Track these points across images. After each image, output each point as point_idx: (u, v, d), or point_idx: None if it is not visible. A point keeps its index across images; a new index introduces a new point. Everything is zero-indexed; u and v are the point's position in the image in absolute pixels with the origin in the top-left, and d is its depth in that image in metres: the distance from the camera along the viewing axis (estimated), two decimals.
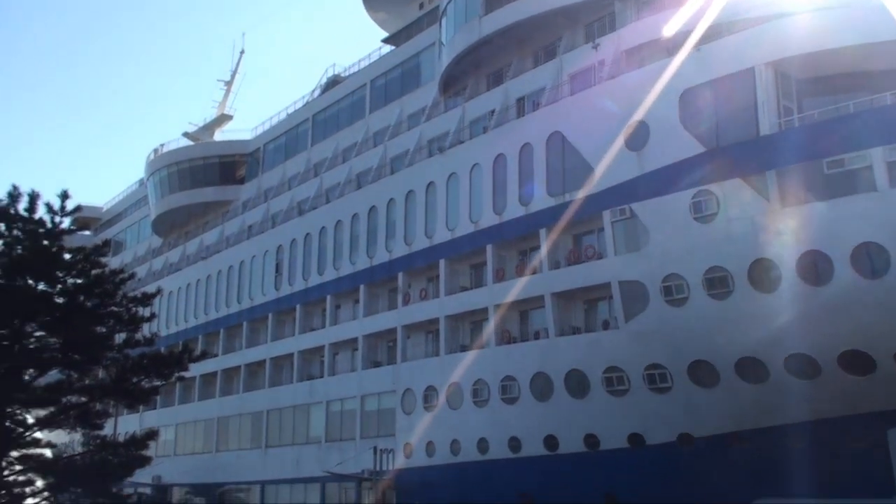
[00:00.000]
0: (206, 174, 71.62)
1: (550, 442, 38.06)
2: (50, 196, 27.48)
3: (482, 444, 40.85)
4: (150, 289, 31.18)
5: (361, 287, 51.14)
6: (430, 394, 44.34)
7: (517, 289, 41.03)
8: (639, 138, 35.75)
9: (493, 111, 45.77)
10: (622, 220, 36.24)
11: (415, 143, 50.49)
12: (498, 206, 42.56)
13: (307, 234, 56.67)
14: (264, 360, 58.90)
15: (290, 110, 67.05)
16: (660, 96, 34.90)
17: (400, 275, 48.32)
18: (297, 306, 56.56)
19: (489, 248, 42.75)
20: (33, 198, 27.20)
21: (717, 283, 32.22)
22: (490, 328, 42.16)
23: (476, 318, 44.17)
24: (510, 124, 43.41)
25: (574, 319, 39.65)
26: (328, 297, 54.05)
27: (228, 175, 71.28)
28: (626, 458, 35.29)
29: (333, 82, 63.42)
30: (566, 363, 37.72)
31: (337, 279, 53.45)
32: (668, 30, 35.79)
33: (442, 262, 45.38)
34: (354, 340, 51.20)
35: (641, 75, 36.19)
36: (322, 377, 53.66)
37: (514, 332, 42.00)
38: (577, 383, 37.23)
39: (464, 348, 44.12)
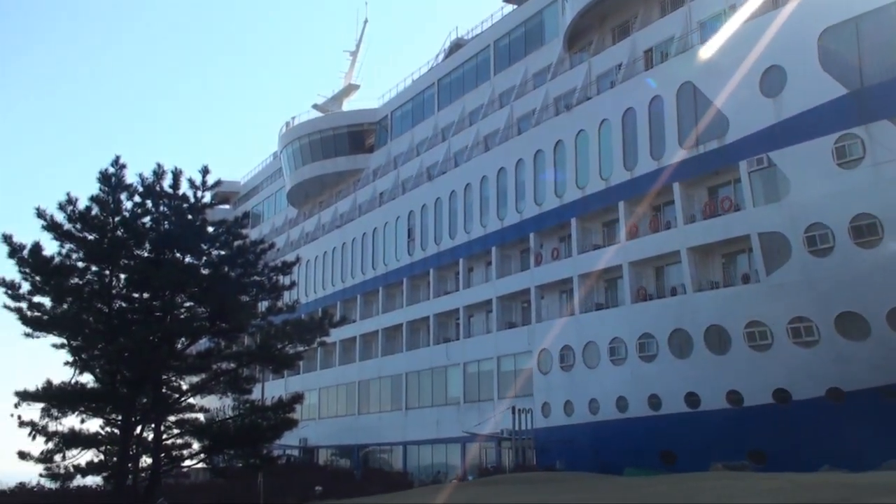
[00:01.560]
0: (337, 144, 73.05)
1: (691, 399, 37.38)
2: (191, 172, 28.59)
3: (621, 403, 40.53)
4: (290, 258, 32.07)
5: (493, 249, 51.27)
6: (566, 353, 44.21)
7: (651, 245, 40.40)
8: (775, 84, 34.35)
9: (620, 65, 44.81)
10: (760, 170, 34.98)
11: (541, 102, 50.00)
12: (629, 162, 41.78)
13: (437, 198, 57.11)
14: (401, 324, 59.95)
15: (415, 76, 67.50)
16: (796, 38, 33.40)
17: (531, 235, 48.18)
18: (431, 270, 57.23)
19: (621, 204, 42.07)
20: (176, 175, 28.34)
21: (865, 230, 30.79)
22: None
23: (610, 276, 43.66)
24: (639, 77, 42.40)
25: (712, 274, 38.67)
26: (461, 261, 54.45)
27: (358, 144, 72.49)
28: (771, 414, 34.31)
29: (457, 46, 63.34)
30: (705, 319, 36.88)
31: (468, 242, 53.74)
32: None
33: (573, 221, 44.96)
34: (488, 302, 51.49)
35: (776, 17, 34.64)
36: (458, 339, 54.24)
37: (650, 289, 41.32)
38: (718, 339, 36.36)
39: (599, 307, 43.72)
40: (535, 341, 46.58)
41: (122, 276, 28.14)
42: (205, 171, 28.29)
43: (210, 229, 29.02)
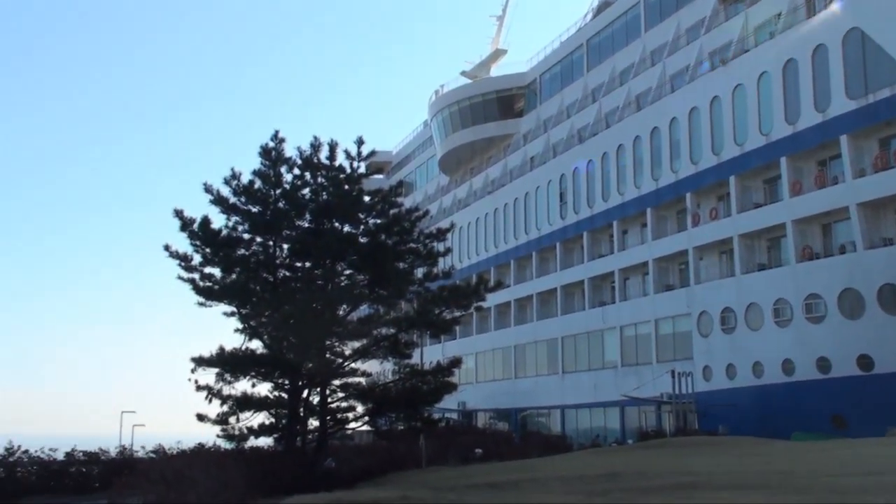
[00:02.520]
0: (486, 110, 73.08)
1: (864, 361, 35.64)
2: (346, 144, 29.26)
3: (787, 366, 39.12)
4: (443, 225, 32.36)
5: (648, 210, 50.28)
6: (727, 315, 42.98)
7: (817, 201, 38.63)
8: None
9: (778, 14, 42.79)
10: None
11: (695, 58, 48.39)
12: (790, 116, 39.96)
13: (589, 160, 56.38)
14: (555, 289, 59.76)
15: (563, 38, 66.54)
16: None
17: (687, 195, 46.92)
18: (584, 234, 56.68)
19: (783, 160, 40.35)
20: (332, 147, 29.11)
21: None
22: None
23: (773, 236, 42.07)
24: (800, 26, 40.36)
25: (884, 230, 36.64)
26: (614, 223, 53.68)
27: (507, 109, 72.29)
28: None
29: (605, 4, 61.97)
30: (878, 277, 35.04)
31: (622, 204, 52.88)
32: None
33: (732, 179, 43.50)
34: (644, 264, 50.62)
35: None
36: (614, 303, 53.64)
37: (816, 248, 39.56)
38: (893, 298, 34.50)
39: (761, 267, 42.24)
40: (694, 303, 45.49)
41: (285, 245, 29.24)
42: (360, 143, 28.93)
43: (366, 199, 29.69)
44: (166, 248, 27.58)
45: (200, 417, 27.66)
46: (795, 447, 25.31)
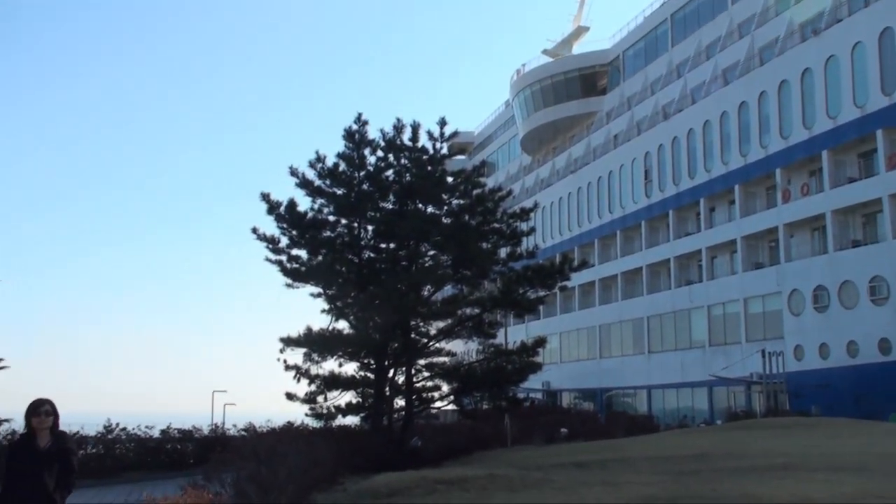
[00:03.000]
0: (568, 88, 72.35)
1: None
2: (428, 124, 29.28)
3: (883, 345, 37.93)
4: (526, 204, 32.19)
5: (736, 187, 49.20)
6: (819, 294, 41.84)
7: None
8: None
9: None
10: None
11: (785, 29, 47.00)
12: (887, 87, 38.54)
13: (674, 137, 55.39)
14: (640, 268, 59.04)
15: (647, 13, 65.35)
16: None
17: (777, 171, 45.76)
18: (670, 212, 55.81)
19: (879, 132, 38.99)
20: (415, 128, 29.10)
21: None
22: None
23: (868, 211, 40.74)
24: None
25: None
26: (701, 201, 52.69)
27: (590, 87, 71.44)
28: None
29: None
30: None
31: (709, 181, 51.87)
32: None
33: (824, 154, 42.24)
34: (732, 242, 49.61)
35: None
36: (701, 281, 52.73)
37: None
38: None
39: (856, 244, 40.97)
40: (785, 282, 44.40)
41: (370, 227, 29.45)
42: (442, 123, 28.86)
43: (449, 179, 29.65)
44: (254, 230, 28.03)
45: (289, 396, 28.16)
46: (893, 429, 24.55)
